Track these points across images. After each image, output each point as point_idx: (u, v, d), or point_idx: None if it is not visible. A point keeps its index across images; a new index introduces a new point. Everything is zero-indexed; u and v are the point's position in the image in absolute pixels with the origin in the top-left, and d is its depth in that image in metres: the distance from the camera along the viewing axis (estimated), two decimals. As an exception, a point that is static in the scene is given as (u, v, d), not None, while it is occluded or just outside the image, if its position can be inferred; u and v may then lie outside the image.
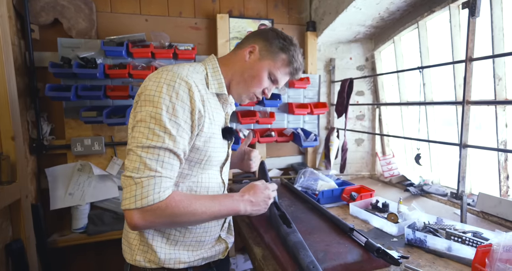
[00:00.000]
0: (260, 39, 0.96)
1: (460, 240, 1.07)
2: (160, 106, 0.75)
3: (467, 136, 1.25)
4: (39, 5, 1.68)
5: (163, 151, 0.75)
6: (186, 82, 0.79)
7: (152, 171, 0.73)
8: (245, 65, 0.95)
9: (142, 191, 0.72)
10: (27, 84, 1.66)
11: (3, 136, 1.30)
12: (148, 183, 0.72)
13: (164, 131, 0.75)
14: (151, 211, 0.73)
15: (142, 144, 0.74)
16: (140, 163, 0.73)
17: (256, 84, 0.95)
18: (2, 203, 1.20)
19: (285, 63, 0.96)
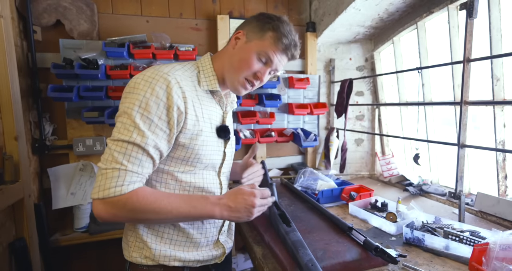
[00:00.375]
0: (246, 24, 0.94)
1: (458, 239, 1.08)
2: (133, 102, 0.76)
3: (465, 136, 1.26)
4: (41, 7, 1.70)
5: (131, 145, 0.75)
6: (165, 78, 0.79)
7: (118, 163, 0.74)
8: (233, 52, 0.92)
9: (106, 182, 0.73)
10: (29, 85, 1.67)
11: (6, 136, 1.32)
12: (112, 175, 0.73)
13: (134, 126, 0.75)
14: (112, 203, 0.73)
15: (113, 137, 0.76)
16: (109, 154, 0.75)
17: (245, 67, 0.90)
18: (6, 202, 1.22)
19: (274, 40, 0.89)
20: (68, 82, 1.74)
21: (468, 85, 1.23)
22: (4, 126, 1.32)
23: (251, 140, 1.97)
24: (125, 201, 0.73)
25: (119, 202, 0.73)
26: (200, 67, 0.93)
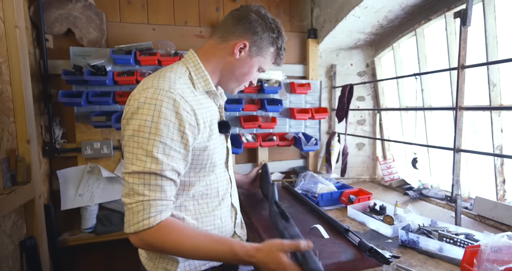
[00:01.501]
0: (249, 34, 0.91)
1: (452, 242, 1.11)
2: (142, 129, 0.74)
3: (460, 141, 1.29)
4: (53, 16, 1.78)
5: (148, 175, 0.74)
6: (169, 97, 0.76)
7: (140, 195, 0.74)
8: (235, 63, 0.92)
9: (133, 217, 0.74)
10: (41, 91, 1.75)
11: (19, 139, 1.39)
12: (137, 209, 0.74)
13: (146, 155, 0.74)
14: (143, 235, 0.75)
15: (127, 169, 0.76)
16: (129, 189, 0.75)
17: (247, 79, 0.99)
18: (18, 202, 1.29)
19: (273, 56, 0.99)
20: (77, 88, 1.81)
21: (463, 91, 1.26)
22: (17, 130, 1.39)
23: (253, 144, 2.02)
24: (155, 234, 0.75)
25: (150, 233, 0.74)
26: (190, 68, 0.90)
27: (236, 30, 0.91)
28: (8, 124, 1.34)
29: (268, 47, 0.95)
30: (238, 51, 0.91)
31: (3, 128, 1.29)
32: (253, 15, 0.92)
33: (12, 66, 1.37)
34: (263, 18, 0.93)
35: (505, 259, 0.93)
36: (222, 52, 0.92)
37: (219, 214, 0.94)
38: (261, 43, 0.93)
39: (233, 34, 0.91)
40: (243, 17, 0.92)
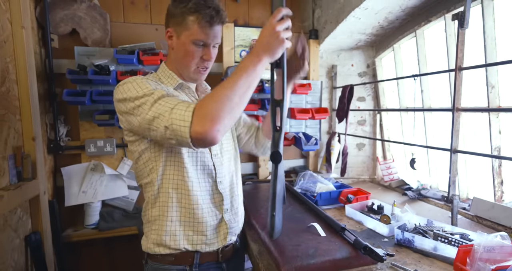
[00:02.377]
0: (168, 20, 0.98)
1: (446, 241, 1.13)
2: (130, 94, 0.85)
3: (457, 142, 1.30)
4: (59, 17, 1.82)
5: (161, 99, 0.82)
6: (139, 77, 0.91)
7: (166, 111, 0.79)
8: (173, 52, 0.99)
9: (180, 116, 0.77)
10: (46, 90, 1.79)
11: (25, 137, 1.43)
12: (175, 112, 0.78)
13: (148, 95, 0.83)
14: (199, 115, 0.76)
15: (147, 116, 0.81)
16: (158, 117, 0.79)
17: (190, 59, 0.97)
18: (24, 198, 1.32)
19: (198, 23, 0.92)
20: (81, 87, 1.85)
21: (460, 92, 1.28)
22: (23, 128, 1.42)
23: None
24: (201, 104, 0.77)
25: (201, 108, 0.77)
26: (159, 73, 1.02)
27: (165, 24, 1.00)
28: (15, 122, 1.37)
29: (184, 18, 0.92)
30: (169, 39, 0.98)
31: (9, 126, 1.32)
32: (169, 4, 0.97)
33: (19, 66, 1.40)
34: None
35: (497, 258, 0.94)
36: (169, 50, 1.02)
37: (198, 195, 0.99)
38: (177, 20, 0.94)
39: (165, 29, 0.99)
40: (167, 11, 0.99)
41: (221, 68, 2.09)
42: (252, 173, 2.24)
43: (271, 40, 0.81)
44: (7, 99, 1.32)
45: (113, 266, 1.99)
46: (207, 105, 0.77)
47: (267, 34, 0.82)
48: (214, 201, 1.04)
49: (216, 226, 1.03)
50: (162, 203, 0.98)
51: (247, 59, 0.83)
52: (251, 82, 0.82)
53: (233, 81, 0.80)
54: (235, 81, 0.80)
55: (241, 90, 0.80)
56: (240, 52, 2.16)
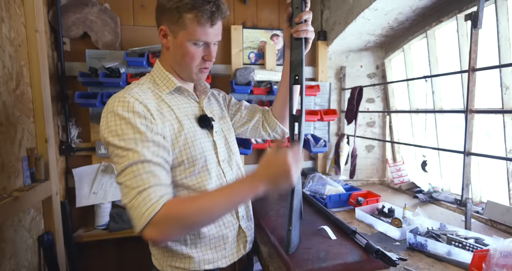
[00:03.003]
0: (160, 16, 0.86)
1: (461, 245, 1.10)
2: (110, 135, 0.76)
3: (470, 144, 1.28)
4: (71, 20, 1.85)
5: (135, 166, 0.73)
6: (123, 101, 0.79)
7: (135, 188, 0.72)
8: (170, 53, 0.89)
9: (138, 211, 0.71)
10: (58, 92, 1.82)
11: (38, 138, 1.45)
12: (138, 202, 0.71)
13: (124, 150, 0.75)
14: (156, 223, 0.71)
15: (116, 171, 0.76)
16: (124, 187, 0.74)
17: (189, 60, 0.88)
18: (37, 198, 1.35)
19: (197, 21, 0.82)
20: (92, 89, 1.87)
21: (473, 94, 1.25)
22: (36, 130, 1.45)
23: (262, 145, 2.04)
24: (165, 214, 0.71)
25: (159, 219, 0.71)
26: (154, 75, 0.93)
27: (156, 21, 0.89)
28: (28, 124, 1.40)
29: (181, 16, 0.82)
30: (163, 38, 0.88)
31: (23, 128, 1.35)
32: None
33: (33, 69, 1.43)
34: None
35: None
36: (163, 49, 0.93)
37: None
38: (173, 18, 0.83)
39: (157, 26, 0.89)
40: (156, 5, 0.89)
41: (230, 70, 2.10)
42: (260, 175, 2.24)
43: (280, 176, 0.74)
44: (21, 102, 1.35)
45: (122, 266, 2.00)
46: (170, 221, 0.71)
47: (278, 168, 0.74)
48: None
49: (235, 236, 1.00)
50: None
51: (243, 187, 0.75)
52: (230, 209, 0.79)
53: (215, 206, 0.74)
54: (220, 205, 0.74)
55: (214, 214, 0.75)
56: (249, 54, 2.17)
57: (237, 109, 1.16)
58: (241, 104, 1.18)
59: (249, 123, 1.16)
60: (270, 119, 1.16)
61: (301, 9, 0.93)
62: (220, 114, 1.07)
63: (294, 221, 0.98)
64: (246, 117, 1.16)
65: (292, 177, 0.75)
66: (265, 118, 1.17)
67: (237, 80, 1.99)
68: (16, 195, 1.17)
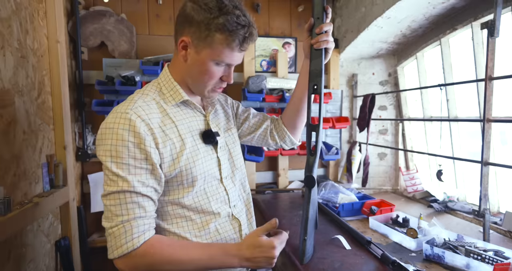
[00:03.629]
0: (186, 26, 0.79)
1: (480, 258, 1.08)
2: (105, 153, 0.74)
3: (488, 154, 1.26)
4: (89, 30, 1.91)
5: (122, 194, 0.72)
6: (125, 118, 0.74)
7: (118, 216, 0.72)
8: (187, 66, 0.83)
9: (116, 241, 0.71)
10: (75, 99, 1.87)
11: (57, 145, 1.49)
12: (119, 232, 0.71)
13: (116, 175, 0.73)
14: (129, 258, 0.72)
15: (104, 191, 0.75)
16: (107, 211, 0.73)
17: (207, 79, 0.83)
18: (56, 204, 1.38)
19: (226, 43, 0.77)
20: (108, 97, 1.92)
21: (490, 103, 1.24)
22: (55, 137, 1.49)
23: (274, 152, 2.04)
24: (142, 255, 0.72)
25: (135, 256, 0.72)
26: (161, 83, 0.87)
27: (177, 28, 0.81)
28: (48, 131, 1.44)
29: (210, 33, 0.76)
30: (183, 49, 0.81)
31: (44, 135, 1.39)
32: (188, 4, 0.78)
33: (53, 78, 1.48)
34: (197, 2, 0.77)
35: (537, 278, 0.90)
36: (177, 58, 0.85)
37: (215, 227, 0.88)
38: (200, 33, 0.77)
39: (177, 34, 0.82)
40: (180, 11, 0.81)
41: (242, 78, 2.12)
42: (271, 182, 2.24)
43: (262, 261, 0.77)
44: (42, 110, 1.39)
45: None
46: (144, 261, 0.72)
47: (264, 260, 0.77)
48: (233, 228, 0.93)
49: None
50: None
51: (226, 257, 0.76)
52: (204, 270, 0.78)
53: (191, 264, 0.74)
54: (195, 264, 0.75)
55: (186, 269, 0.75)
56: (261, 61, 2.19)
57: (246, 118, 1.13)
58: (249, 112, 1.15)
59: (257, 132, 1.13)
60: (279, 128, 1.13)
61: (322, 19, 0.92)
62: (226, 126, 1.02)
63: (309, 231, 0.97)
64: (254, 126, 1.13)
65: (273, 264, 0.79)
66: (274, 127, 1.15)
67: (250, 88, 2.01)
68: (36, 201, 1.20)
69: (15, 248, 1.15)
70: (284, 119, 1.13)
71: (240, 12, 0.77)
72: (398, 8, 1.61)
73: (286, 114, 1.13)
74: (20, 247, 1.18)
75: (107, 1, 1.96)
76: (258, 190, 2.11)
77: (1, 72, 1.10)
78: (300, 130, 1.15)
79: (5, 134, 1.12)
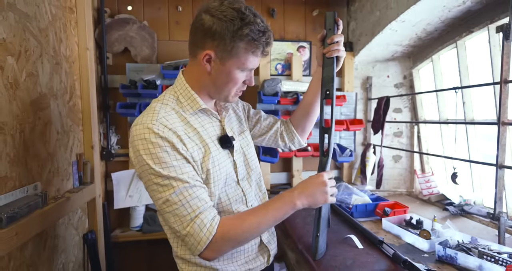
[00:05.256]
0: (208, 41, 0.81)
1: (493, 260, 1.08)
2: (148, 163, 0.76)
3: (503, 157, 1.26)
4: (114, 37, 2.03)
5: (180, 194, 0.76)
6: (152, 130, 0.78)
7: (186, 216, 0.76)
8: (211, 77, 0.86)
9: (195, 238, 0.76)
10: (101, 102, 1.99)
11: (85, 145, 1.61)
12: (193, 231, 0.76)
13: (168, 178, 0.76)
14: (212, 245, 0.78)
15: (160, 202, 0.77)
16: (172, 216, 0.77)
17: (232, 86, 0.88)
18: (84, 200, 1.49)
19: (250, 49, 0.82)
20: (131, 99, 2.03)
21: (506, 106, 1.24)
22: (84, 137, 1.61)
23: (288, 154, 2.09)
24: (221, 236, 0.78)
25: (217, 241, 0.78)
26: (178, 92, 0.89)
27: (197, 41, 0.84)
28: (78, 132, 1.56)
29: (236, 44, 0.80)
30: (207, 63, 0.84)
31: (74, 136, 1.50)
32: (205, 17, 0.81)
33: (83, 83, 1.60)
34: (215, 14, 0.79)
35: (550, 281, 0.90)
36: (197, 68, 0.87)
37: None
38: (225, 45, 0.80)
39: (197, 47, 0.85)
40: (197, 24, 0.83)
41: (257, 81, 2.18)
42: (285, 183, 2.28)
43: (317, 195, 0.86)
44: (73, 112, 1.51)
45: (153, 266, 2.11)
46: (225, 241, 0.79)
47: (316, 188, 0.86)
48: None
49: (257, 250, 0.99)
50: None
51: (283, 203, 0.85)
52: (275, 223, 0.86)
53: (261, 223, 0.82)
54: (263, 223, 0.82)
55: (261, 230, 0.84)
56: (276, 65, 2.25)
57: (257, 121, 1.18)
58: (260, 114, 1.20)
59: (268, 133, 1.19)
60: (289, 130, 1.19)
61: (334, 30, 0.98)
62: (239, 129, 1.07)
63: (322, 228, 1.02)
64: (265, 128, 1.19)
65: (328, 194, 0.87)
66: (284, 129, 1.21)
67: (265, 91, 2.06)
68: (68, 196, 1.31)
69: (49, 238, 1.26)
70: (294, 122, 1.20)
71: (259, 19, 0.81)
72: (412, 12, 1.62)
73: (295, 117, 1.19)
74: (53, 238, 1.29)
75: (130, 9, 2.08)
76: (272, 191, 2.16)
77: (39, 78, 1.21)
78: (308, 132, 1.22)
79: (42, 134, 1.23)
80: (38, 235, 1.16)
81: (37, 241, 1.17)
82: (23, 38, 1.11)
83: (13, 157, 1.04)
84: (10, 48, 1.04)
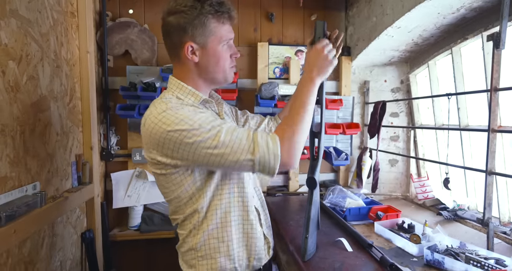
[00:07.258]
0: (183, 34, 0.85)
1: (479, 265, 1.10)
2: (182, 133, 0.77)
3: (493, 163, 1.27)
4: (115, 40, 2.07)
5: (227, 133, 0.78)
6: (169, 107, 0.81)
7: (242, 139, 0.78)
8: (201, 66, 0.90)
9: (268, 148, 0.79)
10: (101, 103, 2.03)
11: (85, 146, 1.64)
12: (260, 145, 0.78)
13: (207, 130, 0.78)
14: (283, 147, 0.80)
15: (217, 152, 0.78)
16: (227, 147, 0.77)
17: (223, 62, 0.91)
18: (82, 199, 1.52)
19: (219, 21, 0.88)
20: (131, 101, 2.06)
21: (496, 113, 1.26)
22: (83, 138, 1.64)
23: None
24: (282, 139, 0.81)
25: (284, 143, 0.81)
26: (175, 91, 0.91)
27: (175, 42, 0.88)
28: (77, 133, 1.59)
29: (206, 23, 0.85)
30: (192, 54, 0.88)
31: (74, 137, 1.54)
32: (170, 18, 0.86)
33: (83, 85, 1.64)
34: (176, 10, 0.85)
35: (533, 287, 0.92)
36: (185, 66, 0.91)
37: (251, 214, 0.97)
38: (198, 30, 0.85)
39: (176, 47, 0.89)
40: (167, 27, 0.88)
41: (255, 85, 2.21)
42: (282, 185, 2.31)
43: (321, 63, 0.92)
44: (73, 114, 1.54)
45: (151, 266, 2.15)
46: (289, 137, 0.82)
47: (317, 58, 0.92)
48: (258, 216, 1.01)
49: (263, 243, 1.02)
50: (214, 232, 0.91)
51: (304, 86, 0.91)
52: (312, 105, 0.91)
53: (301, 110, 0.87)
54: (302, 109, 0.87)
55: (308, 116, 0.88)
56: (274, 69, 2.28)
57: (246, 120, 1.22)
58: (247, 114, 1.24)
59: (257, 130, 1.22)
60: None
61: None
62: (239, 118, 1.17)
63: (311, 230, 1.05)
64: (254, 126, 1.23)
65: (330, 59, 0.94)
66: (273, 125, 1.26)
67: (262, 94, 2.09)
68: (66, 195, 1.34)
69: (48, 237, 1.29)
70: (282, 118, 1.24)
71: None
72: (407, 18, 1.64)
73: (284, 113, 1.24)
74: (52, 236, 1.33)
75: (131, 12, 2.12)
76: (269, 193, 2.19)
77: (40, 81, 1.25)
78: None
79: (42, 135, 1.27)
80: (36, 233, 1.20)
81: (36, 239, 1.21)
82: (25, 43, 1.15)
83: (13, 157, 1.08)
84: (12, 52, 1.08)
